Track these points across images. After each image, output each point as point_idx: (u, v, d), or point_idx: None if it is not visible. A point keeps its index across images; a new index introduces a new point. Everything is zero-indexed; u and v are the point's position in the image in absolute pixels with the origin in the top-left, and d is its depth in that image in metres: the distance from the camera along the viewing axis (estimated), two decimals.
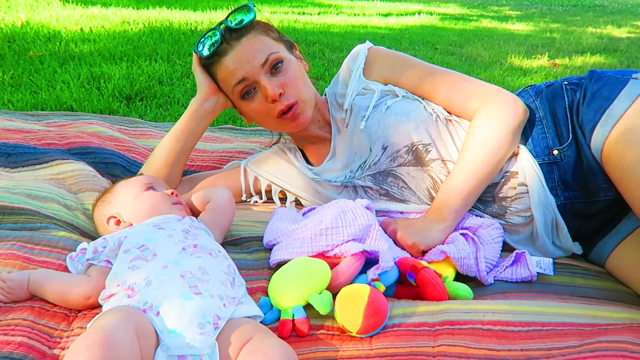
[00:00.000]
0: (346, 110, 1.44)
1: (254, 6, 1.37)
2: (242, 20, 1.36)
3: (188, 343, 0.84)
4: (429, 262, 1.18)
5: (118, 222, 1.21)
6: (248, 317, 0.96)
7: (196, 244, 1.04)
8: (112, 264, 1.05)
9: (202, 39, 1.39)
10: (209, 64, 1.41)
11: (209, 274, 0.97)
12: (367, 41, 1.52)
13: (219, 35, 1.36)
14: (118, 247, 1.05)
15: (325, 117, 1.51)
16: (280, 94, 1.34)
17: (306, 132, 1.49)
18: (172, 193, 1.28)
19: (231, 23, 1.36)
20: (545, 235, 1.29)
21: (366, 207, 1.23)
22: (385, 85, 1.44)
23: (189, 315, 0.87)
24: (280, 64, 1.36)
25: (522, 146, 1.30)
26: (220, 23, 1.38)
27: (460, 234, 1.22)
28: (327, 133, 1.51)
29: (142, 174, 1.41)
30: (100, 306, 0.99)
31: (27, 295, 1.03)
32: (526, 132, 1.31)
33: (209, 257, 1.02)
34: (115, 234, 1.10)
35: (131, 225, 1.19)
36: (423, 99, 1.40)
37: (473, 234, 1.24)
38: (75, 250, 1.12)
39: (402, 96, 1.40)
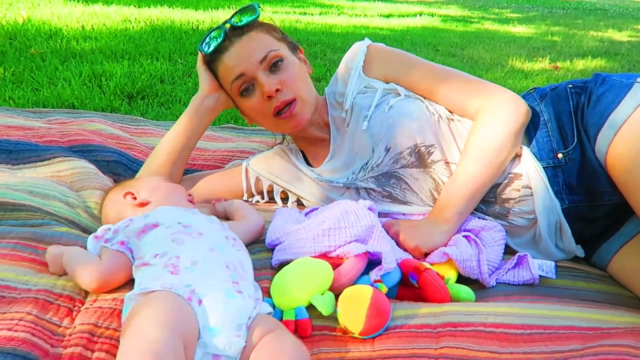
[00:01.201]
0: (347, 110, 1.42)
1: (259, 6, 1.38)
2: (245, 18, 1.37)
3: (225, 343, 0.83)
4: (431, 264, 1.18)
5: (135, 197, 1.22)
6: None
7: (235, 237, 1.04)
8: (128, 245, 1.03)
9: (207, 37, 1.40)
10: (210, 61, 1.42)
11: (246, 271, 0.97)
12: (366, 38, 1.51)
13: (221, 32, 1.37)
14: (145, 230, 1.02)
15: (325, 118, 1.49)
16: (277, 90, 1.33)
17: (305, 134, 1.48)
18: (190, 195, 1.31)
19: (234, 21, 1.37)
20: (548, 237, 1.29)
21: (369, 208, 1.23)
22: (387, 83, 1.42)
23: (231, 315, 0.86)
24: (280, 62, 1.36)
25: (524, 147, 1.30)
26: (225, 22, 1.39)
27: (463, 236, 1.22)
28: (326, 134, 1.50)
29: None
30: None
31: (62, 270, 1.05)
32: (530, 135, 1.31)
33: (245, 253, 1.02)
34: (143, 218, 1.07)
35: (149, 202, 1.19)
36: (425, 98, 1.39)
37: (475, 236, 1.24)
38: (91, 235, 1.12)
39: (405, 95, 1.38)
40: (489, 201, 1.32)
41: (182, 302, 0.84)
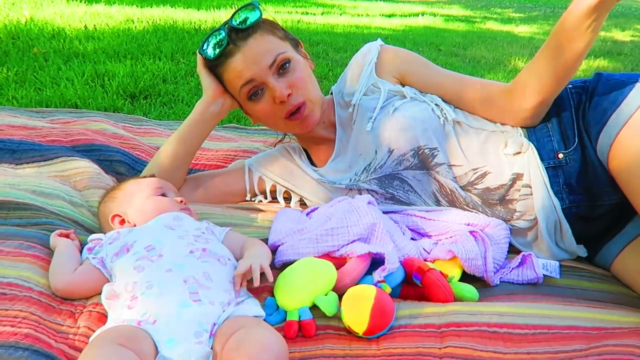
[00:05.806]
0: (353, 105, 1.42)
1: (259, 4, 1.35)
2: (247, 19, 1.33)
3: (185, 352, 0.83)
4: (435, 260, 1.18)
5: (122, 222, 1.21)
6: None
7: (205, 248, 1.03)
8: (104, 264, 1.05)
9: (207, 40, 1.36)
10: (214, 66, 1.39)
11: (212, 280, 0.95)
12: (379, 39, 1.51)
13: (224, 36, 1.33)
14: (119, 254, 1.05)
15: (331, 118, 1.49)
16: (289, 95, 1.33)
17: (311, 133, 1.47)
18: (182, 201, 1.26)
19: (236, 23, 1.33)
20: (548, 237, 1.28)
21: (368, 203, 1.22)
22: (394, 85, 1.42)
23: (186, 324, 0.86)
24: (287, 64, 1.34)
25: (531, 145, 1.29)
26: (225, 23, 1.36)
27: (470, 232, 1.21)
28: (331, 134, 1.50)
29: (153, 176, 1.39)
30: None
31: None
32: (531, 135, 1.31)
33: (217, 263, 1.01)
34: (127, 236, 1.09)
35: (134, 226, 1.18)
36: (433, 98, 1.38)
37: (481, 231, 1.24)
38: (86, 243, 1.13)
39: (410, 97, 1.38)
40: (492, 203, 1.32)
41: (131, 334, 0.85)
